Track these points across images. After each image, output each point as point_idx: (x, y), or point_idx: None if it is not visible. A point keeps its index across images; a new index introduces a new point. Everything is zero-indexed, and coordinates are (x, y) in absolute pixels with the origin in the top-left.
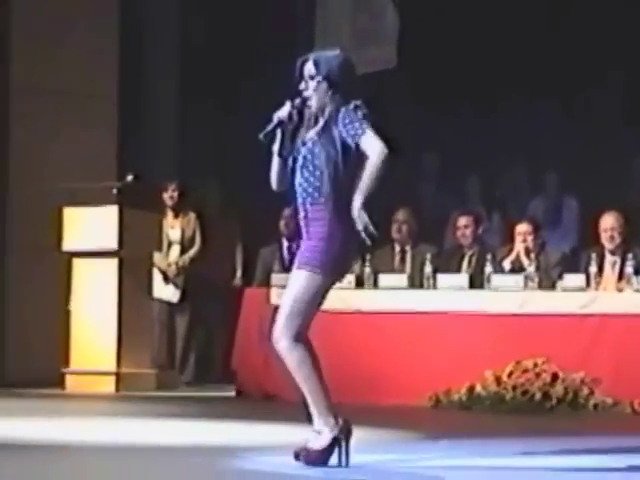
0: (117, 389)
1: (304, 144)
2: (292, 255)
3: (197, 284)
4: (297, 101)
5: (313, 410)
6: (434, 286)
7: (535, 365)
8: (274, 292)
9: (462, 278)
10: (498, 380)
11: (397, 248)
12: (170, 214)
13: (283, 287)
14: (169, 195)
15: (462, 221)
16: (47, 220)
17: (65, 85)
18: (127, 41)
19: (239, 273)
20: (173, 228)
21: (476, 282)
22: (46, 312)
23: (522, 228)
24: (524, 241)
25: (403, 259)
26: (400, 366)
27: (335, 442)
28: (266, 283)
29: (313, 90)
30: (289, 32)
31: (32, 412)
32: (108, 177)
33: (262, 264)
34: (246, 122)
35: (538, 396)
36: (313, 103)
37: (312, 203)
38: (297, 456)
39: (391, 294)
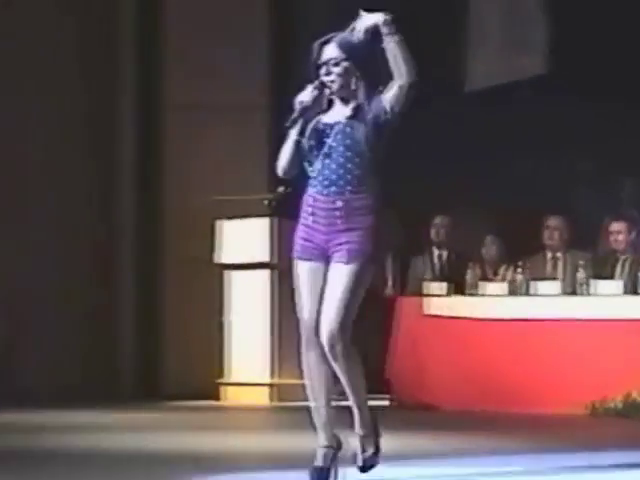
0: (271, 400)
1: (323, 130)
2: (442, 263)
3: None
4: (316, 84)
5: (363, 417)
6: (587, 292)
7: None
8: (426, 301)
9: (616, 284)
10: None
11: (549, 255)
12: None
13: (435, 296)
14: None
15: (615, 226)
16: (201, 233)
17: (217, 99)
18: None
19: (390, 282)
20: None
21: (630, 288)
22: (202, 324)
23: None
24: None
25: (555, 266)
26: (555, 374)
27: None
28: (418, 292)
29: (337, 75)
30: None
31: (188, 424)
32: (260, 189)
33: (413, 273)
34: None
35: None
36: (336, 87)
37: (353, 192)
38: (364, 468)
39: (543, 301)
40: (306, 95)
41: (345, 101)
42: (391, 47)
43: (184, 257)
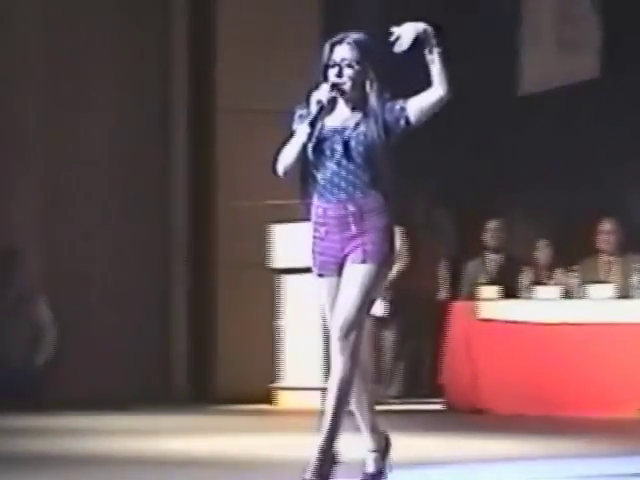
0: (323, 403)
1: (332, 135)
2: (496, 267)
3: (404, 298)
4: (330, 85)
5: (369, 424)
6: None
7: None
8: (481, 305)
9: None
10: None
11: (603, 258)
12: None
13: (489, 299)
14: None
15: None
16: (255, 237)
17: (270, 103)
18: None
19: (445, 286)
20: None
21: None
22: (255, 328)
23: None
24: None
25: (609, 269)
26: (607, 377)
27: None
28: (472, 296)
29: (350, 77)
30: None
31: (242, 429)
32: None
33: (468, 277)
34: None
35: None
36: (348, 89)
37: (364, 195)
38: None
39: (597, 305)
40: (323, 94)
41: (352, 104)
42: (435, 58)
43: (237, 261)
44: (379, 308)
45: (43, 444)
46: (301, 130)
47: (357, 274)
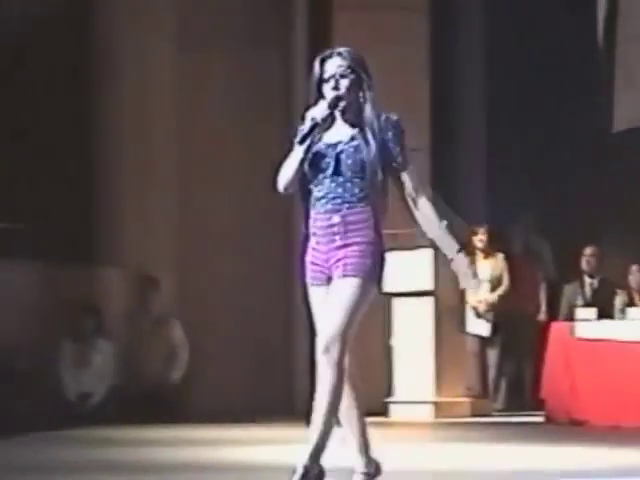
0: (435, 416)
1: (326, 150)
2: (592, 290)
3: (506, 319)
4: (330, 100)
5: (358, 443)
6: None
7: None
8: (578, 325)
9: None
10: None
11: None
12: (480, 255)
13: (585, 320)
14: (479, 238)
15: None
16: None
17: None
18: (437, 79)
19: (544, 308)
20: (483, 268)
21: None
22: (370, 347)
23: None
24: None
25: None
26: None
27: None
28: (570, 317)
29: (346, 87)
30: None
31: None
32: None
33: (566, 299)
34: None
35: None
36: (344, 100)
37: (350, 207)
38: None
39: None
40: (319, 112)
41: (350, 120)
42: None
43: None
44: (484, 328)
45: (177, 453)
46: (297, 147)
47: (339, 289)
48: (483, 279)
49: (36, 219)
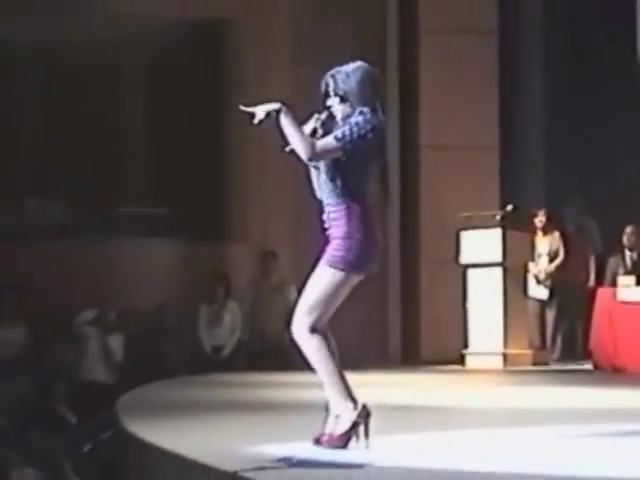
0: (504, 365)
1: None
2: (632, 262)
3: (561, 285)
4: (323, 115)
5: (331, 395)
6: None
7: None
8: (620, 291)
9: None
10: None
11: None
12: (540, 233)
13: (626, 287)
14: (539, 219)
15: None
16: (449, 240)
17: (460, 141)
18: (505, 92)
19: (592, 276)
20: (542, 244)
21: None
22: (449, 309)
23: None
24: None
25: None
26: None
27: (354, 426)
28: (613, 284)
29: (337, 104)
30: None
31: (439, 383)
32: (493, 208)
33: (610, 269)
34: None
35: None
36: (338, 116)
37: (329, 204)
38: (317, 441)
39: None
40: (308, 126)
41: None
42: (283, 129)
43: (436, 258)
44: (543, 293)
45: (290, 394)
46: None
47: (314, 275)
48: (542, 252)
49: (177, 205)
